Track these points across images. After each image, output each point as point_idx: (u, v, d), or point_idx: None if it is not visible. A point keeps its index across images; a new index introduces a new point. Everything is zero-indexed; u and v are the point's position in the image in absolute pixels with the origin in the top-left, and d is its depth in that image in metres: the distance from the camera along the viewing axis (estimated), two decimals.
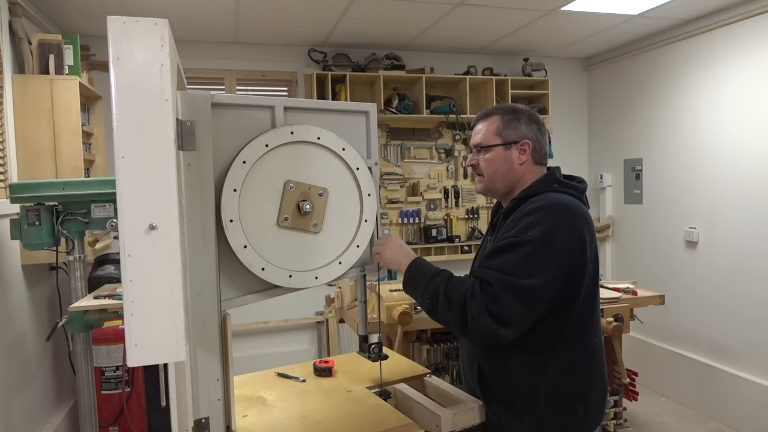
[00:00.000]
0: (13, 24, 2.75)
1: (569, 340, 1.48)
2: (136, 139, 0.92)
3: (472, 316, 1.36)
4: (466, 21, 3.63)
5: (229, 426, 1.29)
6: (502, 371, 1.50)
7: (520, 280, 1.36)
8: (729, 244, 3.55)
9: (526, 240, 1.38)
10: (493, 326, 1.35)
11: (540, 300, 1.39)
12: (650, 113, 4.19)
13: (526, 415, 1.47)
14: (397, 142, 4.35)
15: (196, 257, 1.20)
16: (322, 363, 1.80)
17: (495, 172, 1.55)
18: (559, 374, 1.47)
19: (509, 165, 1.54)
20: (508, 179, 1.55)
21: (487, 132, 1.56)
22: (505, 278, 1.36)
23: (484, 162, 1.56)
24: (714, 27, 3.58)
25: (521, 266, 1.37)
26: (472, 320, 1.36)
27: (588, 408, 1.51)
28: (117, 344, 2.93)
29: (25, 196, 2.21)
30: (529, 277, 1.36)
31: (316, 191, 1.40)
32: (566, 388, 1.48)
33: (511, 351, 1.47)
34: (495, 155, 1.54)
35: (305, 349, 4.30)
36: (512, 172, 1.55)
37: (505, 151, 1.54)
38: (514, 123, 1.54)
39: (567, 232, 1.42)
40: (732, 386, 3.53)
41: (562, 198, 1.48)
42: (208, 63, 4.01)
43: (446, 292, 1.41)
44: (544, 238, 1.38)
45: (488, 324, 1.35)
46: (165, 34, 0.94)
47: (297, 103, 1.42)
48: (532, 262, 1.38)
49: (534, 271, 1.37)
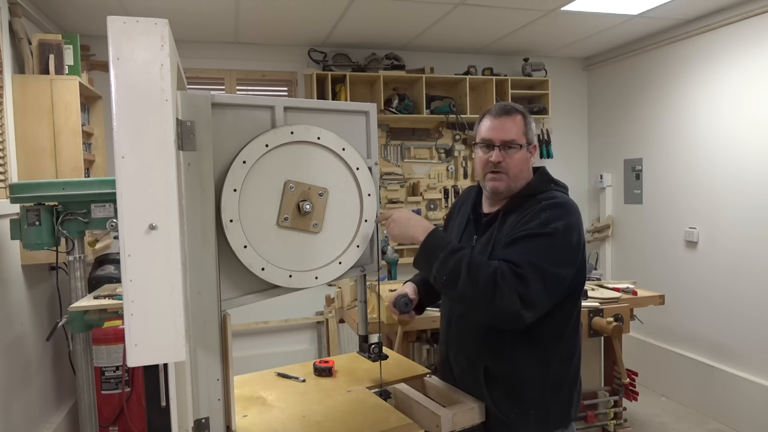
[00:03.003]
0: (13, 24, 2.75)
1: (571, 331, 1.56)
2: (136, 139, 0.92)
3: (502, 296, 1.36)
4: (466, 21, 3.63)
5: (229, 426, 1.29)
6: (512, 368, 1.53)
7: (547, 266, 1.41)
8: (729, 244, 3.55)
9: (550, 232, 1.44)
10: (519, 307, 1.36)
11: (560, 288, 1.45)
12: (650, 113, 4.19)
13: (532, 408, 1.52)
14: (397, 142, 4.35)
15: (196, 257, 1.20)
16: (322, 363, 1.80)
17: (521, 171, 1.59)
18: (563, 364, 1.55)
19: (527, 166, 1.61)
20: (525, 179, 1.61)
21: (518, 131, 1.57)
22: (534, 261, 1.40)
23: (512, 160, 1.56)
24: (714, 27, 3.58)
25: (547, 254, 1.42)
26: (502, 299, 1.36)
27: (579, 393, 1.62)
28: (117, 344, 2.93)
29: (25, 196, 2.21)
30: (554, 265, 1.42)
31: (316, 191, 1.39)
32: (567, 377, 1.56)
33: (520, 345, 1.52)
34: (522, 155, 1.59)
35: (305, 349, 4.30)
36: (528, 172, 1.62)
37: (526, 152, 1.59)
38: (531, 125, 1.62)
39: (578, 229, 1.51)
40: (732, 386, 3.53)
41: (567, 197, 1.58)
42: (208, 63, 4.01)
43: (470, 270, 1.39)
44: (565, 232, 1.45)
45: (515, 305, 1.36)
46: (165, 34, 0.94)
47: (297, 103, 1.42)
48: (557, 252, 1.44)
49: (558, 261, 1.43)
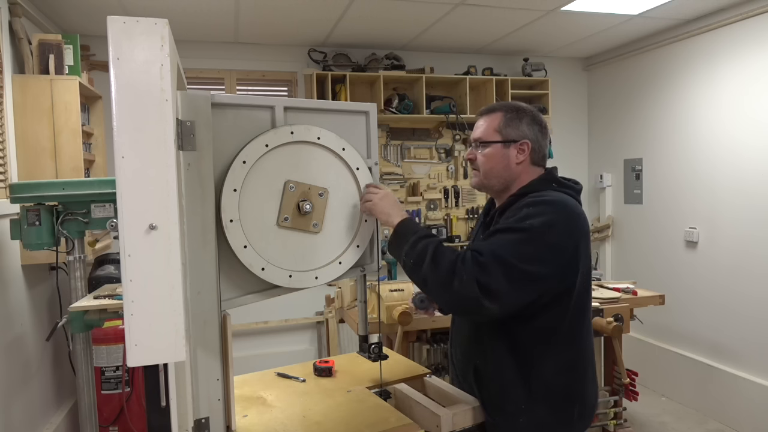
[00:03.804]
0: (13, 24, 2.75)
1: (564, 339, 1.48)
2: (136, 139, 0.92)
3: (460, 279, 1.34)
4: (466, 21, 3.63)
5: (229, 426, 1.29)
6: (495, 370, 1.50)
7: (512, 259, 1.35)
8: (729, 244, 3.55)
9: (524, 227, 1.39)
10: (478, 295, 1.33)
11: (529, 286, 1.38)
12: (650, 113, 4.19)
13: (522, 416, 1.47)
14: (397, 142, 4.35)
15: (196, 257, 1.20)
16: (322, 363, 1.80)
17: (491, 169, 1.55)
18: (555, 374, 1.47)
19: (506, 163, 1.54)
20: (503, 177, 1.55)
21: (488, 128, 1.56)
22: (498, 253, 1.36)
23: (481, 157, 1.56)
24: (714, 27, 3.58)
25: (514, 249, 1.37)
26: (459, 283, 1.34)
27: (583, 408, 1.52)
28: (117, 344, 2.93)
29: (25, 196, 2.21)
30: (520, 260, 1.36)
31: (316, 191, 1.40)
32: (562, 388, 1.48)
33: (503, 348, 1.48)
34: (493, 152, 1.55)
35: (305, 349, 4.30)
36: (508, 170, 1.55)
37: (503, 149, 1.54)
38: (515, 122, 1.54)
39: (564, 228, 1.42)
40: (732, 386, 3.53)
41: (562, 196, 1.50)
42: (208, 63, 4.01)
43: (434, 254, 1.39)
44: (541, 229, 1.39)
45: (474, 291, 1.33)
46: (165, 34, 0.94)
47: (297, 103, 1.42)
48: (526, 248, 1.38)
49: (527, 257, 1.37)
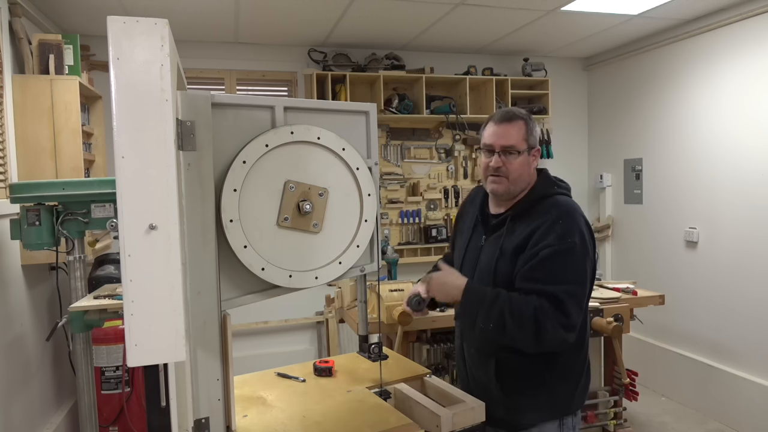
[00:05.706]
0: (13, 24, 2.75)
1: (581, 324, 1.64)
2: (136, 139, 0.92)
3: (546, 331, 1.49)
4: (466, 21, 3.63)
5: (229, 426, 1.29)
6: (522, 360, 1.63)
7: (578, 288, 1.54)
8: (729, 244, 3.55)
9: (569, 247, 1.54)
10: (564, 336, 1.52)
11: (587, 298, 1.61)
12: (650, 113, 4.19)
13: (541, 396, 1.63)
14: (397, 142, 4.35)
15: (196, 257, 1.19)
16: (322, 363, 1.80)
17: (521, 176, 1.66)
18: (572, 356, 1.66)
19: (529, 169, 1.69)
20: (526, 182, 1.69)
21: (519, 136, 1.65)
22: (567, 289, 1.52)
23: (511, 165, 1.65)
24: (714, 27, 3.58)
25: (573, 273, 1.54)
26: (547, 334, 1.49)
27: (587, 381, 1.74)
28: (117, 344, 2.93)
29: (25, 196, 2.21)
30: (581, 281, 1.56)
31: (316, 191, 1.39)
32: (574, 367, 1.68)
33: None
34: (522, 160, 1.66)
35: (305, 349, 4.30)
36: (530, 176, 1.70)
37: (527, 156, 1.67)
38: (534, 130, 1.70)
39: (588, 231, 1.61)
40: (732, 386, 3.53)
41: (569, 200, 1.66)
42: (208, 63, 4.01)
43: (512, 314, 1.52)
44: (581, 242, 1.56)
45: (561, 335, 1.51)
46: (165, 34, 0.94)
47: (297, 103, 1.42)
48: (579, 267, 1.55)
49: (581, 273, 1.56)
